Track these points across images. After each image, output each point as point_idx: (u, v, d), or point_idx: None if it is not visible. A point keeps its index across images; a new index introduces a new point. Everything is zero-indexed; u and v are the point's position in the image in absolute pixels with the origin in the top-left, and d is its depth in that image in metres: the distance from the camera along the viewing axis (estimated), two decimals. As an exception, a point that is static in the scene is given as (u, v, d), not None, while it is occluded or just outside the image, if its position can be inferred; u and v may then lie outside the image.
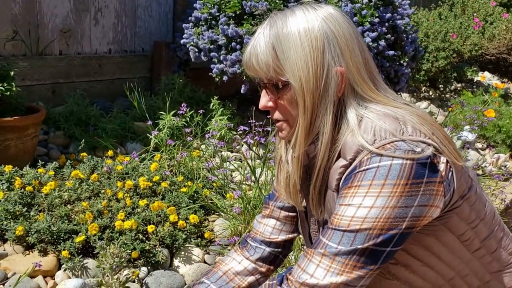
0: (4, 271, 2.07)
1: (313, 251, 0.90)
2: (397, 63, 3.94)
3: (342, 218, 0.88)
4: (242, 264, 1.20)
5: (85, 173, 2.67)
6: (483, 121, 4.37)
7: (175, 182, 2.75)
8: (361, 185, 0.88)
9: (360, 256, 0.86)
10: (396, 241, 0.87)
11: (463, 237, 0.97)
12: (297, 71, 0.93)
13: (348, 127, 0.94)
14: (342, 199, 0.90)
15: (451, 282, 0.99)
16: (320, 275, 0.87)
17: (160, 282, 2.13)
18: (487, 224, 1.01)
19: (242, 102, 4.45)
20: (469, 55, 6.06)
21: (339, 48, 0.94)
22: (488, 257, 1.01)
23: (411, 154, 0.86)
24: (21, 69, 3.42)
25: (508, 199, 3.24)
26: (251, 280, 1.19)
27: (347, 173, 0.92)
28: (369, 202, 0.86)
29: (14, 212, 2.28)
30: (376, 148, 0.88)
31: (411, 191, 0.86)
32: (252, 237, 1.23)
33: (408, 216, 0.86)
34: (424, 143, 0.89)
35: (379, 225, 0.86)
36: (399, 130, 0.90)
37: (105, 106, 3.78)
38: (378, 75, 1.01)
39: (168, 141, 3.12)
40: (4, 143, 2.72)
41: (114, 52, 4.14)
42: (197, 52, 3.78)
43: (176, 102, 3.69)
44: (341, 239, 0.87)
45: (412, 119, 0.93)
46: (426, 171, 0.86)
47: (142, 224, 2.31)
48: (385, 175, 0.86)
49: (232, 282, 1.18)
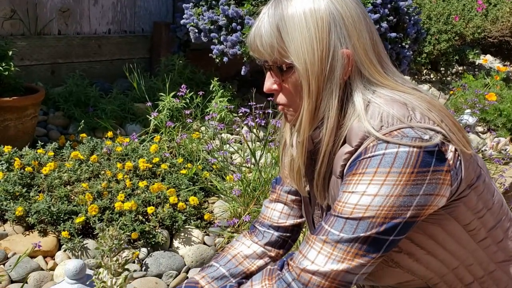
0: (4, 251, 2.08)
1: (315, 237, 0.89)
2: (399, 45, 3.90)
3: (345, 206, 0.87)
4: (251, 248, 1.19)
5: (85, 154, 2.67)
6: (484, 104, 4.36)
7: (175, 164, 2.75)
8: (366, 172, 0.86)
9: (362, 244, 0.85)
10: (399, 230, 0.86)
11: (469, 227, 0.95)
12: (302, 53, 0.90)
13: (354, 111, 0.92)
14: (346, 186, 0.88)
15: (454, 271, 0.97)
16: (321, 262, 0.86)
17: (160, 263, 2.14)
18: (494, 213, 0.99)
19: (242, 83, 4.43)
20: (472, 37, 6.01)
21: (345, 30, 0.91)
22: (493, 247, 0.99)
23: (418, 141, 0.84)
24: (19, 48, 3.39)
25: (507, 183, 3.25)
26: (260, 263, 1.19)
27: (352, 159, 0.90)
28: (373, 190, 0.85)
29: (14, 192, 2.28)
30: (382, 135, 0.86)
31: (417, 180, 0.84)
32: (260, 222, 1.22)
33: (413, 205, 0.84)
34: (432, 131, 0.87)
35: (382, 214, 0.84)
36: (407, 117, 0.88)
37: (105, 87, 3.76)
38: (387, 58, 0.98)
39: (168, 122, 3.11)
40: (3, 124, 2.71)
41: (113, 32, 4.10)
42: (197, 33, 3.74)
43: (176, 83, 3.67)
44: (343, 227, 0.86)
45: (420, 105, 0.91)
46: (433, 159, 0.84)
47: (141, 206, 2.32)
48: (391, 163, 0.84)
49: (241, 266, 1.17)
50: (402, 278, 0.99)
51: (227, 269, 1.16)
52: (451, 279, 0.98)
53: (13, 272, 1.98)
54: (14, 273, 1.98)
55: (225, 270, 1.16)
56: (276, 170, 2.69)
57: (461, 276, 0.98)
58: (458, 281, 0.99)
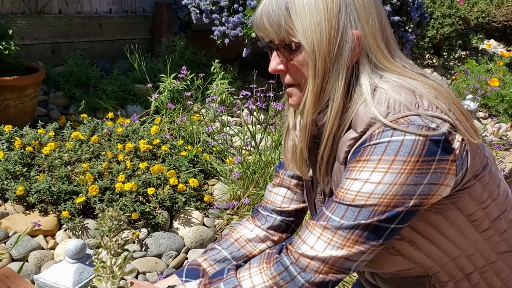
0: (5, 230, 2.09)
1: (315, 223, 0.88)
2: (402, 29, 3.87)
3: (347, 192, 0.86)
4: (254, 231, 1.19)
5: (85, 135, 2.67)
6: (486, 90, 4.34)
7: (175, 146, 2.75)
8: (370, 159, 0.84)
9: (363, 231, 0.84)
10: (401, 219, 0.85)
11: (472, 217, 0.94)
12: (310, 33, 0.88)
13: (361, 95, 0.90)
14: (349, 173, 0.87)
15: (455, 261, 0.97)
16: (320, 248, 0.86)
17: (159, 243, 2.16)
18: (498, 204, 0.97)
19: (243, 66, 4.41)
20: (476, 22, 5.96)
21: (355, 11, 0.89)
22: (496, 238, 0.98)
23: (425, 130, 0.83)
24: (20, 27, 3.37)
25: (507, 169, 3.26)
26: (263, 247, 1.18)
27: (356, 146, 0.89)
28: (377, 177, 0.84)
29: (14, 172, 2.29)
30: (389, 122, 0.84)
31: (422, 169, 0.83)
32: (263, 206, 1.21)
33: (416, 194, 0.83)
34: (439, 119, 0.85)
35: (385, 202, 0.83)
36: (414, 104, 0.86)
37: (105, 67, 3.74)
38: (395, 43, 0.96)
39: (169, 104, 3.10)
40: (4, 103, 2.70)
41: (114, 12, 4.06)
42: (198, 14, 3.71)
43: (176, 64, 3.65)
44: (344, 213, 0.85)
45: (428, 92, 0.89)
46: (439, 149, 0.83)
47: (142, 187, 2.33)
48: (396, 151, 0.83)
49: (244, 249, 1.17)
50: (402, 266, 0.99)
51: (229, 252, 1.16)
52: (451, 268, 0.98)
53: (13, 251, 1.99)
54: (15, 251, 1.99)
55: (227, 253, 1.16)
56: (276, 154, 2.70)
57: (462, 265, 0.98)
58: (458, 270, 0.99)
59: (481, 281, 1.00)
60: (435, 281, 0.99)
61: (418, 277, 1.01)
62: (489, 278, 1.00)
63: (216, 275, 0.96)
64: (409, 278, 1.02)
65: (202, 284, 0.95)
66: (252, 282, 0.90)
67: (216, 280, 0.94)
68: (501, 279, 1.01)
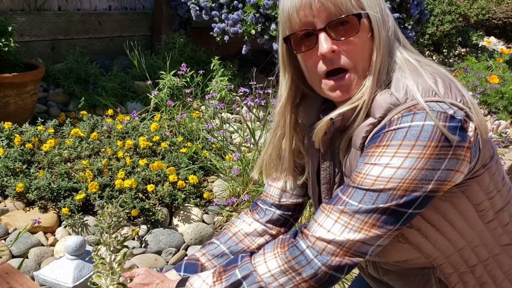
0: (5, 227, 2.10)
1: (332, 207, 0.89)
2: (402, 26, 3.87)
3: (366, 177, 0.87)
4: (252, 226, 1.19)
5: (85, 132, 2.67)
6: (485, 87, 4.34)
7: (175, 143, 2.75)
8: (390, 144, 0.85)
9: (381, 214, 0.85)
10: (418, 204, 0.86)
11: (479, 207, 0.96)
12: (374, 6, 0.92)
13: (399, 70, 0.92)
14: (368, 158, 0.88)
15: (460, 252, 0.98)
16: (337, 231, 0.86)
17: (159, 240, 2.16)
18: (502, 196, 1.00)
19: (243, 63, 4.40)
20: (476, 19, 5.96)
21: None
22: (499, 230, 1.00)
23: (443, 116, 0.84)
24: (19, 24, 3.36)
25: (507, 166, 3.26)
26: (261, 241, 1.19)
27: (375, 131, 0.89)
28: (397, 162, 0.85)
29: (14, 169, 2.29)
30: (408, 107, 0.86)
31: (440, 154, 0.84)
32: (262, 200, 1.22)
33: (434, 179, 0.85)
34: (456, 106, 0.87)
35: (404, 186, 0.85)
36: (431, 91, 0.88)
37: (105, 64, 3.74)
38: None
39: (168, 101, 3.10)
40: (3, 100, 2.70)
41: (114, 9, 4.06)
42: (198, 11, 3.71)
43: (176, 61, 3.65)
44: (363, 198, 0.86)
45: (444, 81, 0.91)
46: (456, 135, 0.85)
47: (142, 183, 2.33)
48: (416, 136, 0.84)
49: (242, 243, 1.17)
50: (408, 255, 0.99)
51: (227, 247, 1.16)
52: (456, 260, 1.00)
53: (13, 247, 2.00)
54: (14, 248, 2.00)
55: (225, 248, 1.16)
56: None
57: (466, 257, 0.99)
58: (463, 262, 1.00)
59: (484, 274, 1.01)
60: (439, 273, 1.00)
61: (422, 269, 1.02)
62: (492, 270, 1.01)
63: (231, 262, 0.96)
64: (413, 270, 1.03)
65: (217, 273, 0.95)
66: (268, 267, 0.91)
67: (231, 267, 0.94)
68: (503, 272, 1.02)
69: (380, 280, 1.14)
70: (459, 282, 1.01)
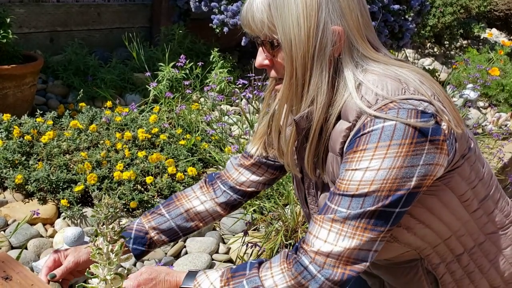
0: (4, 218, 2.10)
1: (323, 216, 0.91)
2: (402, 17, 3.85)
3: (350, 183, 0.89)
4: (204, 205, 1.23)
5: (84, 124, 2.67)
6: (486, 80, 4.32)
7: (174, 135, 2.75)
8: (367, 148, 0.87)
9: (370, 218, 0.87)
10: (404, 201, 0.88)
11: (463, 197, 0.98)
12: (288, 30, 0.92)
13: (346, 88, 0.93)
14: (348, 164, 0.90)
15: (446, 242, 1.00)
16: (333, 240, 0.89)
17: (158, 232, 2.17)
18: (485, 184, 1.02)
19: (242, 54, 4.39)
20: (477, 11, 5.93)
21: (339, 6, 0.92)
22: (484, 218, 1.02)
23: (414, 113, 0.86)
24: (17, 16, 3.35)
25: (506, 158, 3.26)
26: (209, 220, 1.25)
27: (351, 136, 0.91)
28: (376, 164, 0.86)
29: (13, 160, 2.29)
30: (378, 108, 0.88)
31: (416, 150, 0.86)
32: (223, 180, 1.25)
33: (415, 175, 0.87)
34: (426, 102, 0.88)
35: (387, 187, 0.86)
36: (400, 89, 0.90)
37: (104, 56, 3.73)
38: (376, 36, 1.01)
39: (167, 93, 3.09)
40: (2, 92, 2.70)
41: (113, 0, 4.04)
42: (197, 2, 3.69)
43: (175, 53, 3.64)
44: (350, 203, 0.88)
45: (414, 79, 0.92)
46: (430, 129, 0.86)
47: (140, 175, 2.33)
48: (391, 136, 0.86)
49: (191, 221, 1.22)
50: (398, 251, 1.02)
51: (177, 224, 1.21)
52: (442, 250, 1.01)
53: (13, 238, 2.01)
54: (14, 239, 2.01)
55: (175, 225, 1.21)
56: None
57: (452, 247, 1.01)
58: (449, 252, 1.02)
59: (470, 263, 1.03)
60: (427, 264, 1.02)
61: (410, 261, 1.04)
62: (478, 259, 1.03)
63: (239, 269, 0.99)
64: (402, 263, 1.05)
65: (225, 278, 0.98)
66: (274, 282, 0.93)
67: (239, 275, 0.97)
68: (489, 260, 1.04)
69: (370, 273, 1.16)
70: (446, 273, 1.03)
